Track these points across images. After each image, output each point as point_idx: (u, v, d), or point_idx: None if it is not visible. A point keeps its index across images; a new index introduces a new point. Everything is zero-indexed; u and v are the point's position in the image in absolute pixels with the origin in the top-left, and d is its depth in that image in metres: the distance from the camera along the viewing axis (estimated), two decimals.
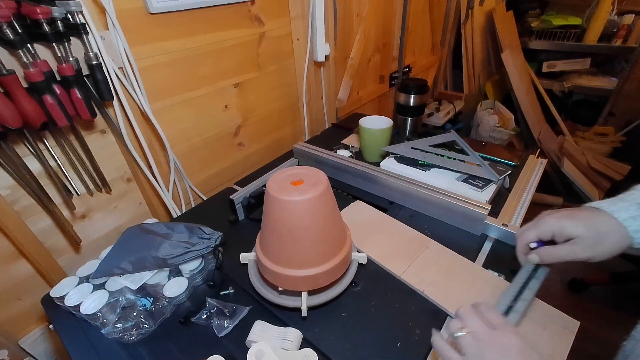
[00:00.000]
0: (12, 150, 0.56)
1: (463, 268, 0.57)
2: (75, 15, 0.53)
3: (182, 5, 0.69)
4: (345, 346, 0.46)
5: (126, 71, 0.64)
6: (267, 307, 0.54)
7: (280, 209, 0.45)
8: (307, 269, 0.48)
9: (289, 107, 1.09)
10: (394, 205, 0.76)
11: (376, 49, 1.41)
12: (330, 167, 0.84)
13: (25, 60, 0.49)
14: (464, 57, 1.97)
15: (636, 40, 1.90)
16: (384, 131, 0.87)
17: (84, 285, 0.56)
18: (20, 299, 0.66)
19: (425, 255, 0.60)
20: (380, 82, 1.54)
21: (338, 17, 1.09)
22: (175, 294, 0.54)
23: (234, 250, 0.61)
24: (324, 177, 0.48)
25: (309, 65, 1.03)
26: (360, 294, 0.55)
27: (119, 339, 0.51)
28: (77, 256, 0.72)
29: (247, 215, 0.75)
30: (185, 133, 0.81)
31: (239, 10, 0.82)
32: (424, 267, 0.58)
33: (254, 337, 0.47)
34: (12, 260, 0.63)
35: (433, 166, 0.80)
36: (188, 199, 0.87)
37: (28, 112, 0.51)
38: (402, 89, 1.03)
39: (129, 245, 0.59)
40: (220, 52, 0.81)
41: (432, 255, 0.60)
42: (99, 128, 0.67)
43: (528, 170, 0.83)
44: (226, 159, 0.95)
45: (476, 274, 0.56)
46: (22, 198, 0.60)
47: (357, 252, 0.59)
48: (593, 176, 1.88)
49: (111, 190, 0.72)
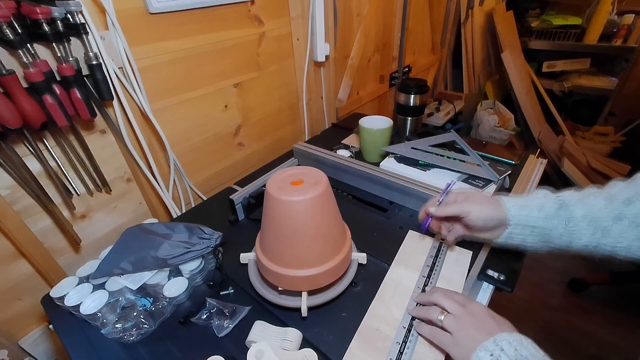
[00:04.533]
0: (12, 150, 0.56)
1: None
2: (75, 15, 0.53)
3: (182, 5, 0.69)
4: (345, 346, 0.46)
5: (126, 71, 0.64)
6: (267, 307, 0.54)
7: (280, 209, 0.45)
8: (307, 269, 0.48)
9: (289, 107, 1.09)
10: (394, 205, 0.76)
11: (376, 49, 1.41)
12: (330, 167, 0.84)
13: (25, 60, 0.49)
14: (464, 57, 1.97)
15: (636, 40, 1.90)
16: (384, 131, 0.87)
17: (84, 286, 0.56)
18: (20, 299, 0.66)
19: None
20: (380, 82, 1.54)
21: (338, 17, 1.09)
22: (175, 294, 0.54)
23: (234, 250, 0.61)
24: (324, 177, 0.48)
25: (309, 65, 1.03)
26: (360, 294, 0.55)
27: (119, 339, 0.51)
28: (77, 256, 0.72)
29: (247, 215, 0.75)
30: (185, 133, 0.81)
31: (239, 10, 0.82)
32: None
33: (254, 337, 0.47)
34: (12, 260, 0.63)
35: (433, 166, 0.80)
36: (188, 199, 0.87)
37: (28, 112, 0.51)
38: (402, 89, 1.03)
39: (128, 245, 0.59)
40: (220, 52, 0.81)
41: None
42: (99, 128, 0.67)
43: (528, 170, 0.83)
44: (226, 159, 0.95)
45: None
46: (22, 198, 0.60)
47: (357, 252, 0.59)
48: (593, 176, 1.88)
49: (111, 190, 0.72)
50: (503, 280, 0.56)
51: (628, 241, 0.45)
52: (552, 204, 0.49)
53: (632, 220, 0.44)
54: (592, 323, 1.37)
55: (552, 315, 1.43)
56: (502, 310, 0.42)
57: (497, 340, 0.37)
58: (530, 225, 0.49)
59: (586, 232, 0.46)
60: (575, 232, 0.47)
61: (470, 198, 0.52)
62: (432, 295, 0.47)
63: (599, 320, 1.38)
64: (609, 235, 0.45)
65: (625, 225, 0.45)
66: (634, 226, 0.44)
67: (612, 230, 0.45)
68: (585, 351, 1.29)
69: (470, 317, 0.41)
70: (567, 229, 0.47)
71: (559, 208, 0.48)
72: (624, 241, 0.45)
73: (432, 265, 0.57)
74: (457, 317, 0.42)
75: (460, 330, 0.40)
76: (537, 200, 0.50)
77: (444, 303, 0.44)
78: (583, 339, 1.33)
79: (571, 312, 1.43)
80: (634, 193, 0.46)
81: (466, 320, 0.41)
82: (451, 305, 0.43)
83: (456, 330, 0.41)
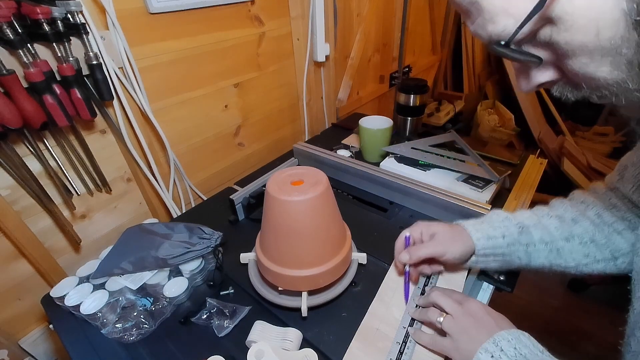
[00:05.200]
0: (12, 150, 0.56)
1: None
2: (75, 15, 0.53)
3: (182, 5, 0.69)
4: (345, 346, 0.46)
5: (126, 71, 0.64)
6: (267, 307, 0.54)
7: (280, 209, 0.45)
8: (307, 269, 0.48)
9: (289, 107, 1.09)
10: (394, 205, 0.76)
11: (376, 49, 1.41)
12: (330, 167, 0.84)
13: (25, 60, 0.49)
14: (464, 57, 1.97)
15: None
16: (384, 131, 0.87)
17: (84, 285, 0.56)
18: (20, 299, 0.66)
19: None
20: (380, 82, 1.54)
21: (338, 17, 1.09)
22: (175, 294, 0.54)
23: (234, 250, 0.61)
24: (324, 177, 0.48)
25: (309, 65, 1.03)
26: (360, 294, 0.55)
27: (119, 339, 0.51)
28: (77, 256, 0.72)
29: (247, 215, 0.75)
30: (185, 133, 0.81)
31: (239, 10, 0.82)
32: None
33: (254, 337, 0.47)
34: (12, 260, 0.63)
35: (433, 166, 0.80)
36: (188, 199, 0.87)
37: (28, 112, 0.51)
38: (402, 89, 1.03)
39: (129, 245, 0.59)
40: (220, 52, 0.81)
41: None
42: (99, 128, 0.67)
43: (528, 170, 0.83)
44: (226, 159, 0.95)
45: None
46: (22, 198, 0.60)
47: (357, 252, 0.59)
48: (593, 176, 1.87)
49: (111, 190, 0.72)
50: (503, 280, 0.56)
51: (576, 260, 0.49)
52: (514, 230, 0.50)
53: (580, 240, 0.48)
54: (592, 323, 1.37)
55: (552, 315, 1.43)
56: (502, 310, 0.42)
57: (496, 340, 0.38)
58: (495, 253, 0.50)
59: (542, 253, 0.49)
60: (533, 254, 0.50)
61: (437, 236, 0.51)
62: (430, 295, 0.47)
63: (599, 320, 1.38)
64: (562, 255, 0.49)
65: (576, 244, 0.48)
66: (581, 245, 0.48)
67: (564, 249, 0.49)
68: (585, 351, 1.29)
69: (468, 317, 0.41)
70: (526, 252, 0.50)
71: (520, 233, 0.50)
72: (572, 261, 0.49)
73: None
74: (456, 318, 0.42)
75: (460, 333, 0.41)
76: (500, 228, 0.50)
77: (442, 302, 0.44)
78: (583, 339, 1.33)
79: (571, 312, 1.43)
80: (577, 213, 0.50)
81: (465, 321, 0.41)
82: (449, 305, 0.43)
83: (456, 332, 0.41)
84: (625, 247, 0.47)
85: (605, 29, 0.23)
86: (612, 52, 0.24)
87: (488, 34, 0.28)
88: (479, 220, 0.53)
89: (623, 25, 0.22)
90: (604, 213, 0.49)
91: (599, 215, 0.49)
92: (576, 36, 0.24)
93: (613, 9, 0.22)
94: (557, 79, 0.29)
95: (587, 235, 0.48)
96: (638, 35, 0.22)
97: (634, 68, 0.24)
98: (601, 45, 0.24)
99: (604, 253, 0.48)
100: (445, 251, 0.49)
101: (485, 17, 0.27)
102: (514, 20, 0.25)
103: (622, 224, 0.47)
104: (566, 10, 0.23)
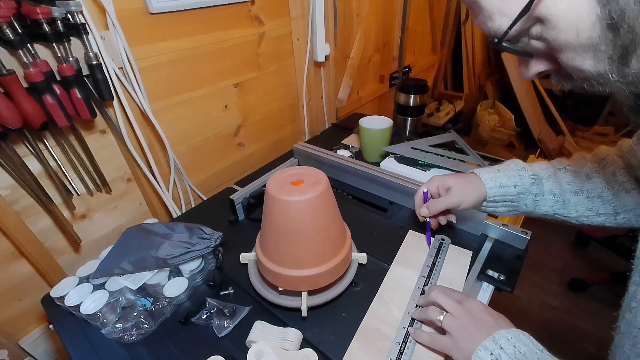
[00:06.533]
0: (12, 150, 0.56)
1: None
2: (75, 15, 0.53)
3: (182, 5, 0.69)
4: (345, 346, 0.46)
5: (126, 71, 0.64)
6: (267, 307, 0.54)
7: (280, 209, 0.45)
8: (307, 269, 0.48)
9: (289, 107, 1.09)
10: (394, 205, 0.76)
11: (376, 49, 1.41)
12: (330, 167, 0.84)
13: (25, 60, 0.49)
14: (464, 57, 1.97)
15: None
16: (384, 131, 0.87)
17: (84, 286, 0.56)
18: (20, 299, 0.66)
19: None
20: (380, 82, 1.54)
21: (338, 17, 1.09)
22: (175, 294, 0.54)
23: (234, 250, 0.61)
24: (324, 177, 0.48)
25: (309, 65, 1.03)
26: (360, 294, 0.55)
27: (119, 339, 0.51)
28: (77, 256, 0.72)
29: (247, 215, 0.75)
30: (185, 133, 0.81)
31: (239, 10, 0.82)
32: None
33: (254, 337, 0.47)
34: (12, 260, 0.63)
35: (433, 166, 0.80)
36: (188, 199, 0.87)
37: (28, 112, 0.51)
38: (402, 89, 1.03)
39: (129, 245, 0.59)
40: (220, 52, 0.81)
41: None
42: (99, 128, 0.67)
43: None
44: (226, 159, 0.95)
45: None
46: (22, 198, 0.60)
47: (357, 252, 0.59)
48: None
49: (111, 190, 0.72)
50: (503, 280, 0.56)
51: (579, 212, 0.52)
52: (527, 180, 0.54)
53: (588, 194, 0.51)
54: (592, 323, 1.38)
55: (552, 315, 1.43)
56: (502, 310, 0.42)
57: (495, 338, 0.38)
58: (504, 200, 0.55)
59: (549, 202, 0.53)
60: (540, 202, 0.54)
61: (453, 189, 0.56)
62: (430, 294, 0.47)
63: (599, 320, 1.38)
64: (566, 206, 0.52)
65: (582, 198, 0.51)
66: (588, 200, 0.51)
67: (570, 202, 0.52)
68: (585, 351, 1.29)
69: (468, 316, 0.42)
70: (534, 200, 0.54)
71: (533, 184, 0.53)
72: (574, 212, 0.52)
73: (432, 265, 0.57)
74: (456, 317, 0.42)
75: (460, 331, 0.41)
76: (514, 178, 0.54)
77: (442, 301, 0.45)
78: (583, 339, 1.33)
79: (571, 312, 1.43)
80: (593, 169, 0.52)
81: (465, 320, 0.41)
82: (449, 304, 0.44)
83: (455, 331, 0.41)
84: (629, 205, 0.48)
85: (584, 30, 0.26)
86: (592, 49, 0.27)
87: (487, 29, 0.31)
88: (495, 168, 0.56)
89: (599, 26, 0.25)
90: (619, 172, 0.50)
91: (613, 173, 0.50)
92: (561, 35, 0.27)
93: (590, 13, 0.25)
94: (552, 69, 0.32)
95: (596, 190, 0.50)
96: (613, 35, 0.25)
97: (614, 62, 0.27)
98: (582, 43, 0.27)
99: (607, 208, 0.50)
100: (460, 202, 0.54)
101: (485, 15, 0.30)
102: (507, 19, 0.29)
103: (633, 184, 0.48)
104: (551, 12, 0.26)
